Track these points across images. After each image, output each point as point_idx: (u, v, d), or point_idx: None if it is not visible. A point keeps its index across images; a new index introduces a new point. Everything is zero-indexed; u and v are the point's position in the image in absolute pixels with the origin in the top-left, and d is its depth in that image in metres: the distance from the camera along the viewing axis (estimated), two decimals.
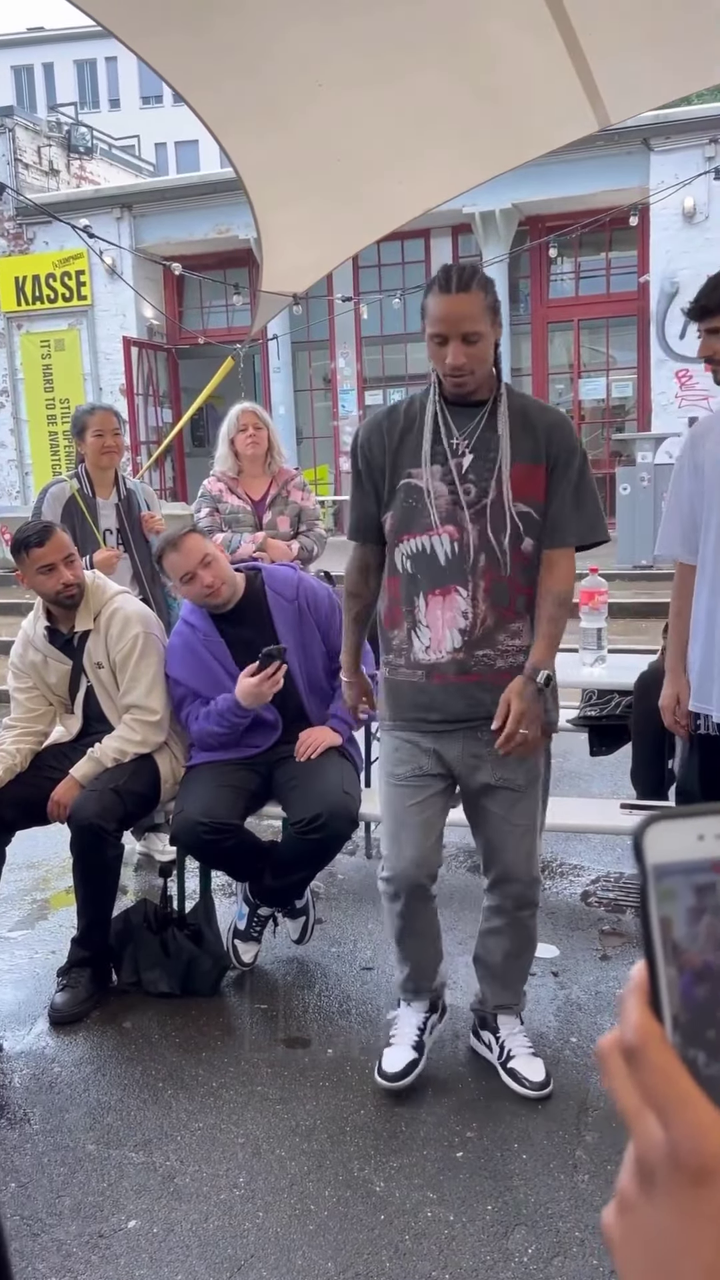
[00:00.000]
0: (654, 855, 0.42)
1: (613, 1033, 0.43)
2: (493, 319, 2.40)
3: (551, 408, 2.62)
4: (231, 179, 3.94)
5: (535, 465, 2.46)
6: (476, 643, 2.48)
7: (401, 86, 3.50)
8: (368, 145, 3.84)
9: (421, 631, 2.51)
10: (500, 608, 2.47)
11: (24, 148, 14.43)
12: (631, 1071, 0.42)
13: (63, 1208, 2.32)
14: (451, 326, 2.36)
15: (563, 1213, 2.22)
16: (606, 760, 4.41)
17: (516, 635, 2.50)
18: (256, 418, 4.46)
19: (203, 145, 34.72)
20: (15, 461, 14.87)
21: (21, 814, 3.30)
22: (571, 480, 2.47)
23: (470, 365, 2.38)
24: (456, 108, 3.67)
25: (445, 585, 2.47)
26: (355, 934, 3.58)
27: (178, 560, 3.17)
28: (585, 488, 2.50)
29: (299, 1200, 2.30)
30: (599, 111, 3.72)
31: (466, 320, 2.35)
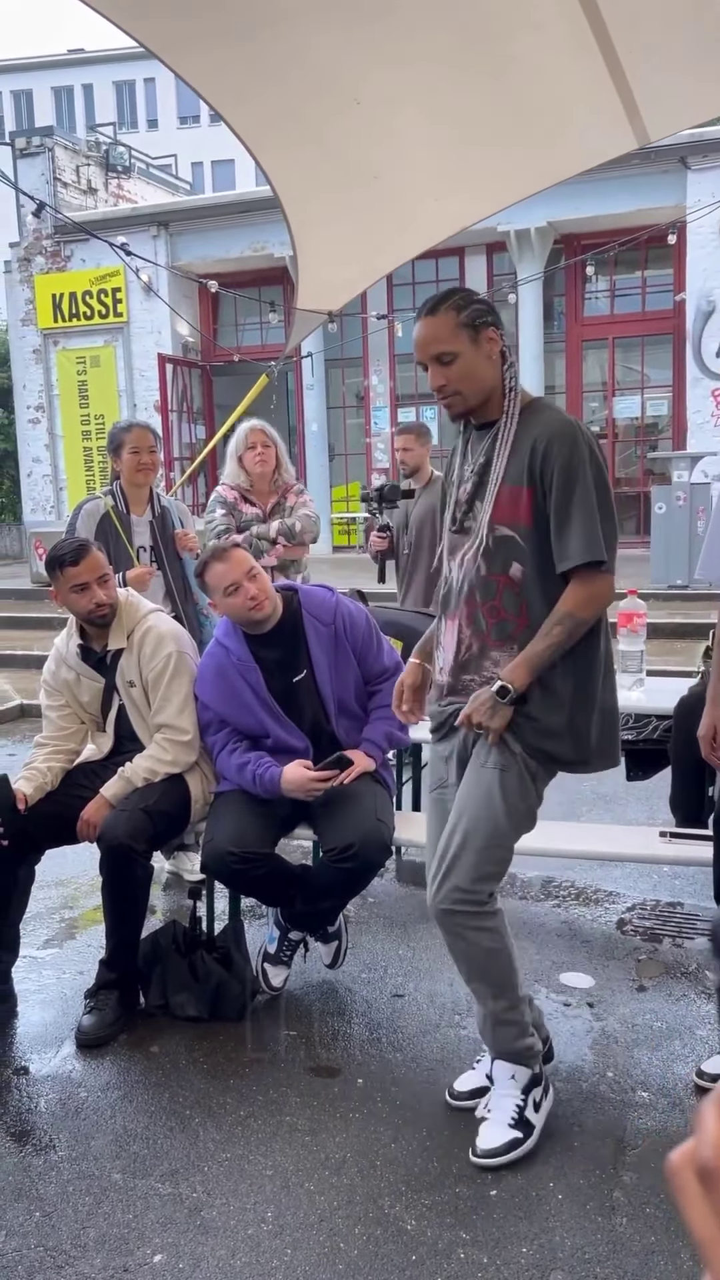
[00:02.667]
0: None
1: (687, 1147, 0.38)
2: (473, 335, 2.35)
3: (553, 420, 2.40)
4: (267, 197, 3.94)
5: (519, 487, 2.36)
6: (463, 666, 2.50)
7: (439, 104, 3.48)
8: (405, 163, 3.82)
9: (439, 653, 2.59)
10: (480, 635, 2.45)
11: (63, 167, 14.61)
12: (709, 1195, 0.37)
13: (88, 1239, 2.27)
14: (422, 350, 2.39)
15: (600, 1257, 2.15)
16: (643, 785, 4.33)
17: (498, 664, 2.42)
18: (265, 435, 4.49)
19: (239, 164, 35.04)
20: (50, 477, 14.99)
21: (51, 833, 3.28)
22: (555, 500, 2.33)
23: (452, 385, 2.38)
24: (494, 125, 3.64)
25: (451, 612, 2.53)
26: (386, 959, 3.53)
27: (224, 571, 3.12)
28: (574, 505, 2.32)
29: (328, 1238, 2.24)
30: (638, 129, 3.68)
31: (434, 342, 2.36)
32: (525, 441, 2.38)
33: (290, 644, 3.23)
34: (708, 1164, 0.36)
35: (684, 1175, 0.38)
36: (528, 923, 3.76)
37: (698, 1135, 0.37)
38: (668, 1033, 3.00)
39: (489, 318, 2.40)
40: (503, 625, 2.42)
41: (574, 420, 2.45)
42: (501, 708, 2.36)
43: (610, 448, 13.39)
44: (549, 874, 4.17)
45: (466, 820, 2.43)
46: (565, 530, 2.34)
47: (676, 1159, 0.38)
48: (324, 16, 2.79)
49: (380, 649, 3.32)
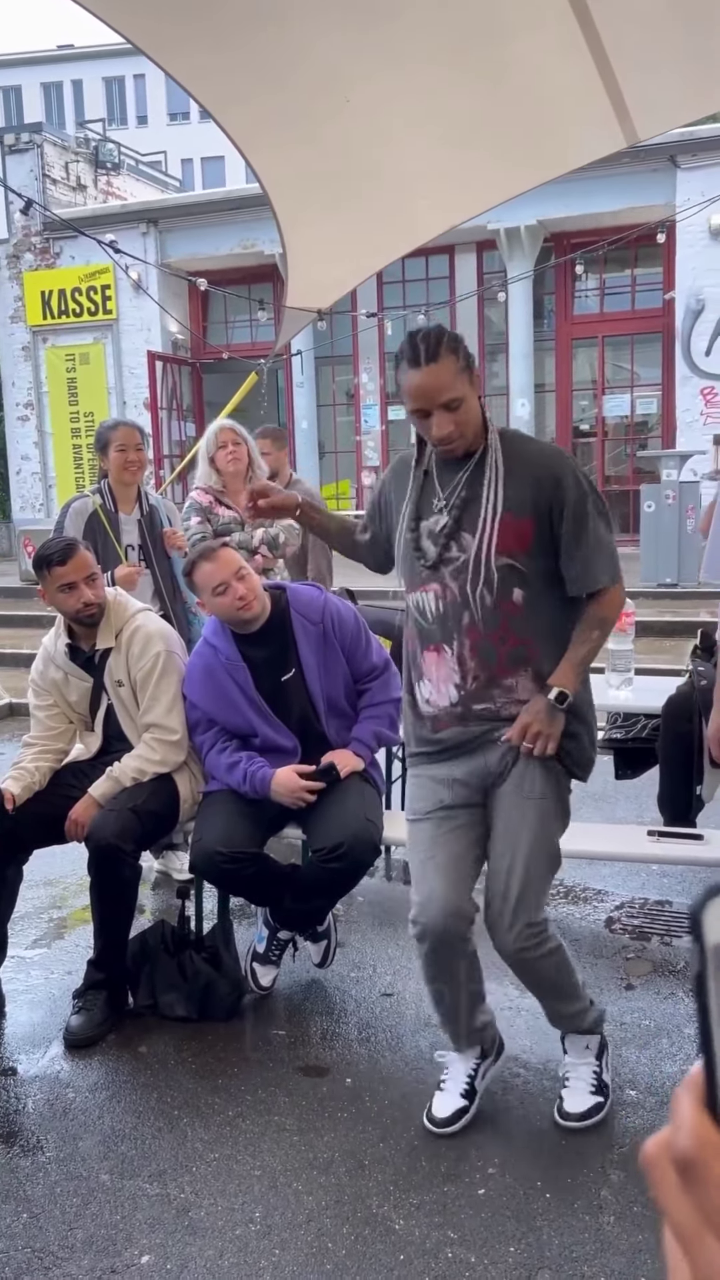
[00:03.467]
0: (716, 935, 0.36)
1: (662, 1135, 0.37)
2: (470, 378, 2.36)
3: (546, 452, 2.52)
4: (257, 194, 3.93)
5: (524, 518, 2.38)
6: (473, 697, 2.45)
7: (429, 103, 3.48)
8: (394, 161, 3.81)
9: (424, 684, 2.53)
10: (489, 665, 2.43)
11: (52, 163, 14.56)
12: (686, 1186, 0.36)
13: (75, 1240, 2.27)
14: (430, 399, 2.33)
15: (587, 1256, 2.16)
16: (631, 784, 4.34)
17: (511, 690, 2.44)
18: (235, 434, 4.50)
19: (229, 161, 34.98)
20: (39, 474, 14.95)
21: (39, 833, 3.27)
22: (570, 532, 2.39)
23: (459, 430, 2.37)
24: (484, 124, 3.64)
25: (435, 642, 2.48)
26: (375, 958, 3.53)
27: (212, 571, 3.11)
28: (591, 534, 2.40)
29: (316, 1237, 2.24)
30: (627, 128, 3.68)
31: (444, 390, 2.32)
32: (520, 473, 2.40)
33: (278, 643, 3.23)
34: (684, 1153, 0.35)
35: (660, 1165, 0.37)
36: None
37: (673, 1123, 0.37)
38: (655, 1031, 3.01)
39: (473, 357, 2.44)
40: (515, 651, 2.43)
41: (557, 449, 2.61)
42: (559, 714, 2.40)
43: (599, 446, 13.41)
44: None
45: (525, 857, 2.42)
46: (590, 558, 2.41)
47: (651, 1148, 0.37)
48: (315, 15, 2.79)
49: (369, 647, 3.32)
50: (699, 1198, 0.35)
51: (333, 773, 3.10)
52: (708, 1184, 0.35)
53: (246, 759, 3.16)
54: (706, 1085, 0.36)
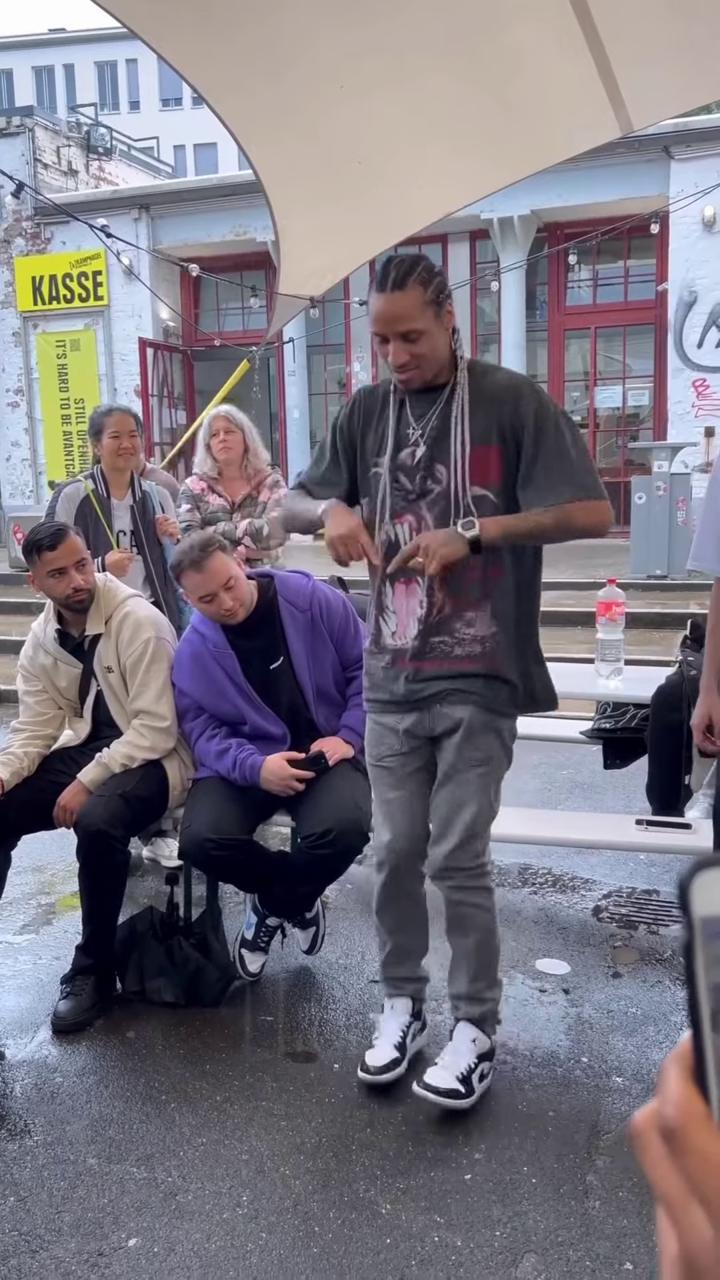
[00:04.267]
0: (704, 907, 0.36)
1: (650, 1107, 0.37)
2: (438, 310, 2.36)
3: (511, 379, 2.51)
4: (250, 181, 3.91)
5: (488, 446, 2.40)
6: (432, 629, 2.49)
7: (424, 90, 3.47)
8: (388, 149, 3.80)
9: (389, 618, 2.57)
10: (455, 596, 2.46)
11: (43, 147, 14.46)
12: (672, 1155, 0.36)
13: (62, 1224, 2.28)
14: (388, 325, 2.35)
15: (573, 1240, 2.17)
16: (620, 773, 4.36)
17: (471, 624, 2.47)
18: (229, 422, 4.49)
19: (221, 148, 34.81)
20: (29, 461, 14.89)
21: (28, 818, 3.26)
22: (531, 449, 2.38)
23: (414, 362, 2.37)
24: (479, 112, 3.63)
25: (408, 575, 2.48)
26: (363, 946, 3.53)
27: (199, 581, 3.08)
28: (554, 449, 2.38)
29: (303, 1221, 2.25)
30: (621, 117, 3.68)
31: (403, 319, 2.33)
32: (483, 402, 2.42)
33: (267, 632, 3.22)
34: (670, 1123, 0.36)
35: (647, 1136, 0.37)
36: (504, 909, 3.77)
37: (660, 1095, 0.37)
38: (643, 1019, 3.03)
39: (447, 291, 2.43)
40: (480, 584, 2.45)
41: (522, 375, 2.59)
42: (458, 541, 2.33)
43: (591, 438, 13.40)
44: (526, 861, 4.19)
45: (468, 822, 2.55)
46: (552, 468, 2.37)
47: (639, 1120, 0.38)
48: (312, 3, 2.77)
49: (357, 634, 3.31)
50: (684, 1166, 0.36)
51: (322, 760, 3.11)
52: (692, 1153, 0.36)
53: (236, 746, 3.15)
54: (694, 1056, 0.36)
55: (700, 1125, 0.36)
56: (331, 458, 2.64)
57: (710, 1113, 0.36)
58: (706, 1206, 0.35)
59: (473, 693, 2.50)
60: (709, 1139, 0.35)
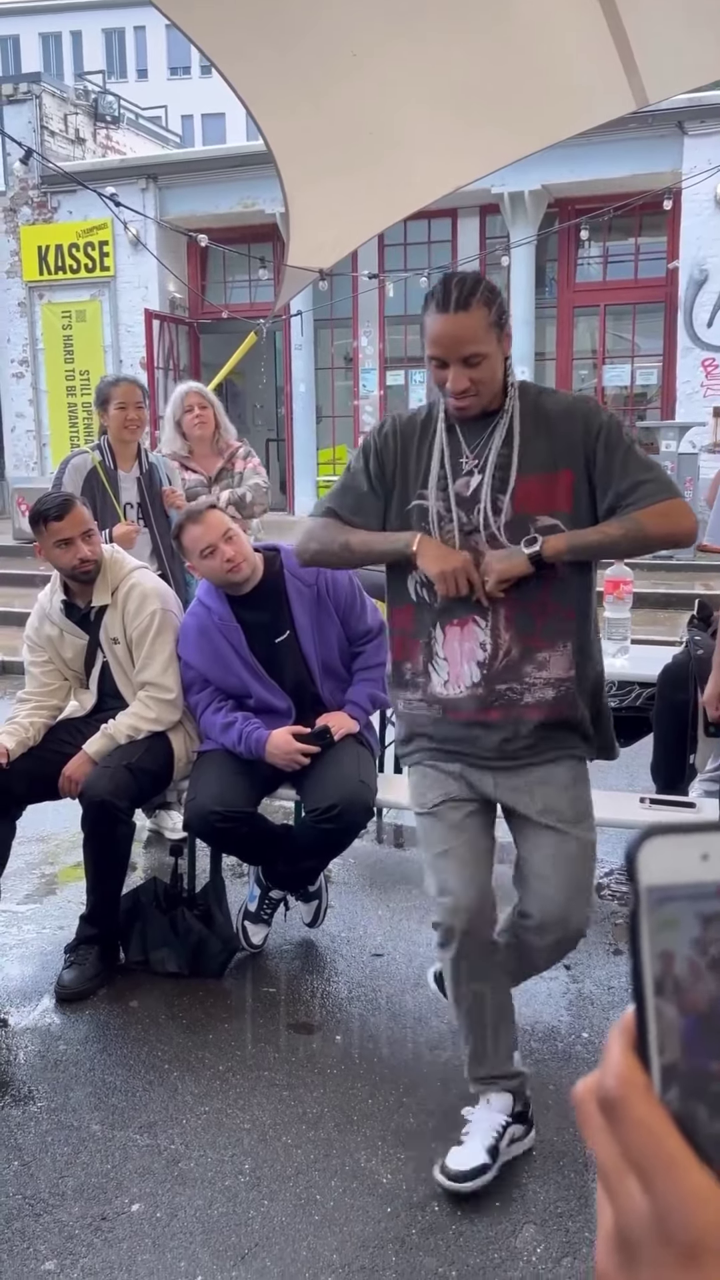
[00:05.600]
0: (650, 875, 0.35)
1: (592, 1078, 0.37)
2: (499, 334, 2.18)
3: (574, 400, 2.31)
4: (259, 152, 3.88)
5: (553, 473, 2.21)
6: (498, 676, 2.23)
7: (437, 59, 3.43)
8: (400, 120, 3.76)
9: (439, 665, 2.29)
10: (526, 635, 2.22)
11: (50, 115, 14.32)
12: (611, 1125, 0.36)
13: (66, 1188, 2.30)
14: (450, 350, 2.14)
15: (572, 1212, 2.19)
16: (623, 752, 4.35)
17: (544, 666, 2.23)
18: (201, 398, 4.48)
19: (230, 117, 34.50)
20: (34, 432, 14.83)
21: (33, 788, 3.27)
22: (605, 462, 2.21)
23: (474, 388, 2.18)
24: (492, 83, 3.59)
25: (463, 616, 2.25)
26: (366, 919, 3.55)
27: (199, 533, 3.10)
28: (631, 459, 2.20)
29: (305, 1190, 2.28)
30: (637, 90, 3.64)
31: (467, 343, 2.13)
32: (545, 426, 2.23)
33: (272, 605, 3.22)
34: (610, 1093, 0.36)
35: (587, 1105, 0.37)
36: (507, 887, 3.78)
37: (603, 1065, 0.37)
38: None
39: (508, 313, 2.25)
40: (553, 622, 2.24)
41: (583, 395, 2.42)
42: (516, 557, 2.16)
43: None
44: None
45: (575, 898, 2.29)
46: (637, 475, 2.19)
47: (580, 1090, 0.37)
48: None
49: (364, 609, 3.31)
50: (621, 1137, 0.35)
51: (327, 735, 3.11)
52: (629, 1123, 0.35)
53: (242, 719, 3.16)
54: (637, 1027, 0.36)
55: (639, 1096, 0.35)
56: (369, 485, 2.35)
57: (650, 1084, 0.35)
58: (642, 1178, 0.34)
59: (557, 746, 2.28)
60: (647, 1110, 0.35)
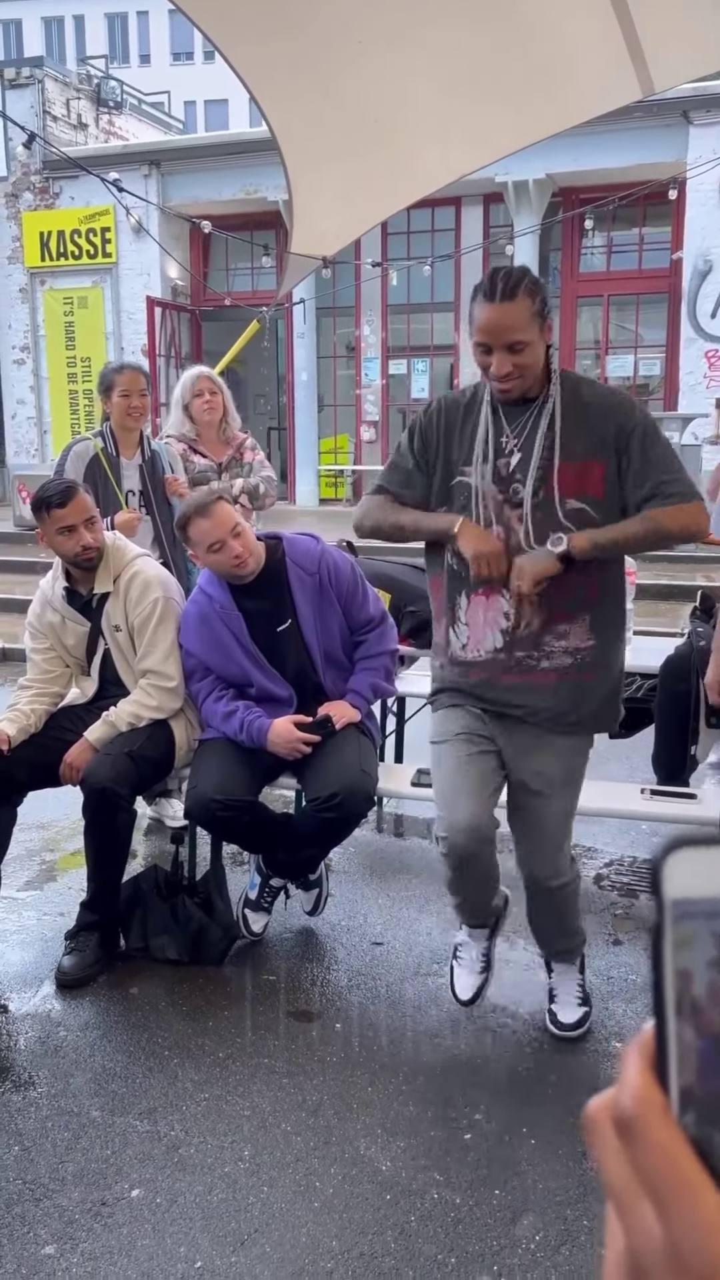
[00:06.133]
0: (675, 888, 0.33)
1: (606, 1095, 0.36)
2: (541, 324, 2.35)
3: (614, 393, 2.53)
4: (262, 138, 3.86)
5: (589, 460, 2.40)
6: (518, 643, 2.45)
7: (443, 47, 3.41)
8: (405, 108, 3.74)
9: (460, 629, 2.52)
10: (548, 608, 2.43)
11: (53, 100, 14.25)
12: (625, 1147, 0.34)
13: (66, 1173, 2.30)
14: (496, 336, 2.33)
15: (571, 1201, 2.20)
16: (623, 744, 4.35)
17: (564, 636, 2.45)
18: (212, 383, 4.45)
19: (232, 104, 34.36)
20: (34, 419, 14.80)
21: (34, 775, 3.27)
22: (641, 457, 2.40)
23: (517, 372, 2.36)
24: (498, 70, 3.57)
25: (489, 586, 2.45)
26: (366, 908, 3.56)
27: (207, 528, 3.08)
28: (664, 457, 2.42)
29: (304, 1176, 2.28)
30: (643, 78, 3.62)
31: (511, 330, 2.31)
32: (584, 415, 2.41)
33: (274, 593, 3.21)
34: (626, 1113, 0.34)
35: (600, 1125, 0.35)
36: (507, 876, 3.78)
37: (618, 1083, 0.35)
38: (642, 986, 3.05)
39: (549, 304, 2.43)
40: (574, 598, 2.43)
41: (620, 389, 2.60)
42: (547, 560, 2.35)
43: None
44: None
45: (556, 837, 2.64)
46: (671, 471, 2.39)
47: (593, 1108, 0.36)
48: None
49: (366, 598, 3.30)
50: (636, 1159, 0.34)
51: (329, 724, 3.11)
52: (645, 1145, 0.34)
53: (243, 708, 3.15)
54: (656, 1045, 0.35)
55: (657, 1117, 0.34)
56: (414, 463, 2.58)
57: (668, 1105, 0.34)
58: (656, 1202, 0.33)
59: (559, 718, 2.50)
60: (664, 1132, 0.33)
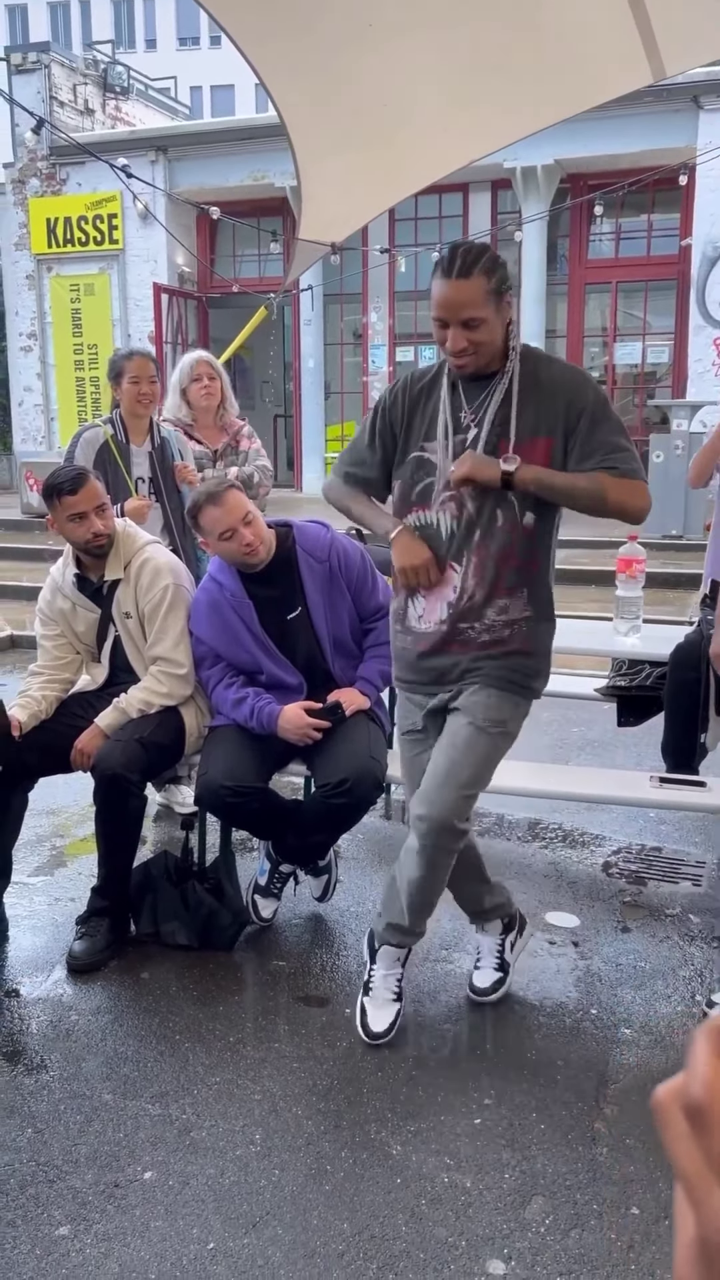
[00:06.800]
0: None
1: (675, 1082, 0.36)
2: (498, 301, 2.38)
3: (573, 372, 2.55)
4: (270, 124, 3.85)
5: (538, 438, 2.44)
6: (461, 615, 2.52)
7: (453, 30, 3.39)
8: (415, 93, 3.73)
9: (417, 600, 2.59)
10: (489, 583, 2.50)
11: (59, 85, 14.20)
12: (696, 1133, 0.35)
13: (79, 1156, 2.32)
14: (450, 312, 2.36)
15: (581, 1184, 2.21)
16: (631, 732, 4.36)
17: (504, 611, 2.51)
18: (211, 368, 4.43)
19: (239, 89, 34.21)
20: (41, 406, 14.79)
21: (45, 761, 3.28)
22: (586, 435, 2.43)
23: (471, 348, 2.39)
24: (509, 55, 3.55)
25: (448, 560, 2.52)
26: (375, 894, 3.56)
27: (219, 516, 3.07)
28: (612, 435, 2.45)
29: (315, 1160, 2.30)
30: (655, 63, 3.60)
31: (466, 307, 2.34)
32: (539, 393, 2.44)
33: (284, 581, 3.22)
34: (696, 1100, 0.34)
35: (670, 1111, 0.36)
36: (515, 863, 3.80)
37: (688, 1069, 0.36)
38: (651, 973, 3.06)
39: (509, 283, 2.44)
40: (516, 572, 2.50)
41: (580, 369, 2.65)
42: (492, 468, 2.40)
43: (610, 395, 13.25)
44: (536, 816, 4.21)
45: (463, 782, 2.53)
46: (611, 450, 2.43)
47: (663, 1094, 0.36)
48: None
49: (375, 586, 3.31)
50: (708, 1146, 0.35)
51: (338, 711, 3.11)
52: (717, 1132, 0.34)
53: (254, 695, 3.16)
54: None
55: None
56: (369, 440, 2.64)
57: None
58: None
59: (495, 674, 2.55)
60: None
